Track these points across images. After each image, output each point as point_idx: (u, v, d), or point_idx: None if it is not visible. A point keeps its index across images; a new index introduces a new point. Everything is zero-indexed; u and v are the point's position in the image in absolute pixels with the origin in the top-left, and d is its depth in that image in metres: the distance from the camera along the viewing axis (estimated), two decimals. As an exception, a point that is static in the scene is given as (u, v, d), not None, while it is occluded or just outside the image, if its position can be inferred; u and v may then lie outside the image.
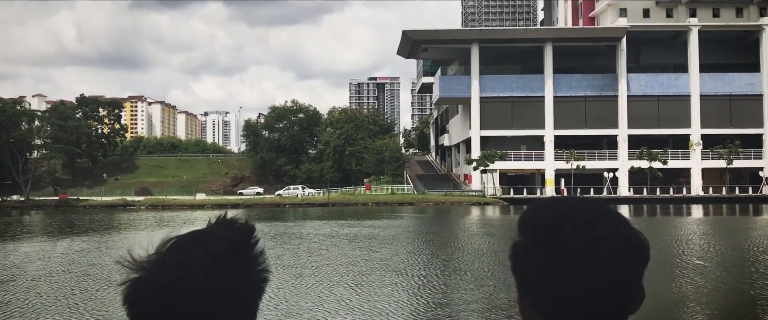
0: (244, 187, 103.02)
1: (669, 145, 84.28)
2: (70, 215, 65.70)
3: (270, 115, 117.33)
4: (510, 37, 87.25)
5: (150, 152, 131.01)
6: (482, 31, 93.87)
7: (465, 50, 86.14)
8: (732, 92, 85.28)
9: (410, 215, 57.73)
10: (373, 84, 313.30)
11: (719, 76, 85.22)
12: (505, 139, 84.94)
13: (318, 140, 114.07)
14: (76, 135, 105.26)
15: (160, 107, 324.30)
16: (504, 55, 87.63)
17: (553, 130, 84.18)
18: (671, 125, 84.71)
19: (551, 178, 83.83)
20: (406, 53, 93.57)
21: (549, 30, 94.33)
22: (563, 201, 1.15)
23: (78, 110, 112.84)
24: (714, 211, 65.64)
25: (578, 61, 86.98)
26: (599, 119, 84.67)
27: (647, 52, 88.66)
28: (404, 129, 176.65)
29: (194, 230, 1.10)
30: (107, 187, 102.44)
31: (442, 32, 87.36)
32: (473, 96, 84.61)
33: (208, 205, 79.39)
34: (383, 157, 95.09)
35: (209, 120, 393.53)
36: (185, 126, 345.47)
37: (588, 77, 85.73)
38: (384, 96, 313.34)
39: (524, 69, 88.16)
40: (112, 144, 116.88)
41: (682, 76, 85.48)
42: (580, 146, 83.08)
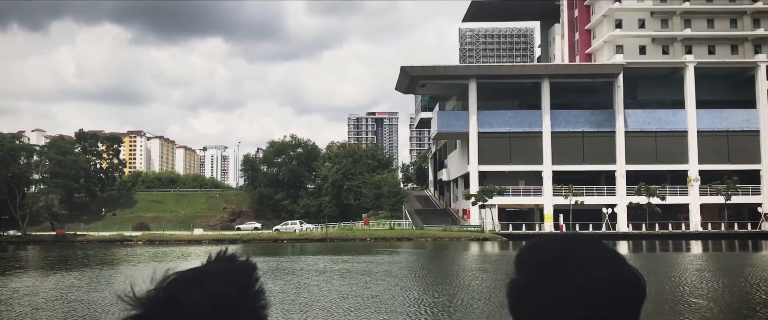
0: (242, 222, 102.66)
1: (667, 181, 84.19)
2: (65, 250, 65.33)
3: (268, 150, 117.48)
4: (507, 74, 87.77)
5: (148, 187, 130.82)
6: (480, 68, 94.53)
7: (463, 86, 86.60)
8: (729, 128, 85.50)
9: (408, 251, 57.39)
10: (371, 119, 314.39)
11: (716, 113, 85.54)
12: (503, 174, 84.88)
13: (316, 175, 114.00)
14: (74, 170, 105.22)
15: (159, 142, 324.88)
16: (502, 90, 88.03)
17: (551, 165, 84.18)
18: (669, 160, 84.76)
19: (550, 213, 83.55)
20: (405, 89, 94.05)
21: (546, 66, 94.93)
22: (561, 238, 1.14)
23: (77, 144, 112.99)
24: (713, 247, 65.28)
25: (575, 97, 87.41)
26: (597, 154, 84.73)
27: (644, 88, 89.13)
28: (403, 164, 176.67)
29: (195, 268, 1.07)
30: (105, 222, 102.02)
31: (440, 68, 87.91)
32: (471, 131, 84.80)
33: (205, 240, 78.97)
34: (382, 192, 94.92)
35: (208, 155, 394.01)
36: (184, 161, 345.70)
37: (585, 113, 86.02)
38: (382, 131, 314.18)
39: (522, 105, 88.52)
40: (110, 179, 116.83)
41: (679, 112, 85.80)
42: (578, 181, 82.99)
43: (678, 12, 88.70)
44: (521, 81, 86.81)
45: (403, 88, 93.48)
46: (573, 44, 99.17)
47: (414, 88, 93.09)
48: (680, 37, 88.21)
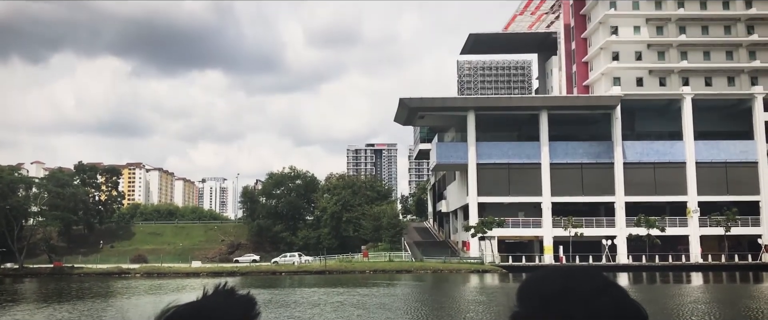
0: (241, 254, 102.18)
1: (666, 212, 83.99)
2: (62, 283, 64.91)
3: (267, 181, 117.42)
4: (506, 105, 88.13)
5: (147, 219, 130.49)
6: (478, 99, 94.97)
7: (461, 117, 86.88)
8: (727, 159, 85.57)
9: (406, 284, 57.00)
10: (370, 150, 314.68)
11: (714, 144, 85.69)
12: (502, 206, 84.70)
13: (315, 207, 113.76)
14: (73, 202, 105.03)
15: (158, 174, 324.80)
16: (500, 122, 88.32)
17: (550, 197, 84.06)
18: (668, 192, 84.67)
19: (550, 245, 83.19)
20: (403, 120, 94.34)
21: (544, 98, 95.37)
22: (563, 271, 1.13)
23: (76, 176, 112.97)
24: (714, 279, 64.86)
25: (574, 128, 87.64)
26: (596, 186, 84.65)
27: (642, 119, 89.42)
28: (402, 195, 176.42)
29: (193, 302, 1.05)
30: (103, 254, 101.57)
31: (439, 100, 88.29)
32: (470, 163, 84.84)
33: (203, 273, 78.49)
34: (381, 224, 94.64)
35: (207, 187, 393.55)
36: (182, 193, 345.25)
37: (584, 145, 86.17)
38: (381, 162, 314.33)
39: (520, 136, 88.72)
40: (108, 211, 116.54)
41: (677, 143, 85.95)
42: (577, 213, 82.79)
43: (674, 44, 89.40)
44: (519, 113, 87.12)
45: (402, 119, 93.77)
46: (570, 76, 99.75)
47: (413, 119, 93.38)
48: (677, 69, 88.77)
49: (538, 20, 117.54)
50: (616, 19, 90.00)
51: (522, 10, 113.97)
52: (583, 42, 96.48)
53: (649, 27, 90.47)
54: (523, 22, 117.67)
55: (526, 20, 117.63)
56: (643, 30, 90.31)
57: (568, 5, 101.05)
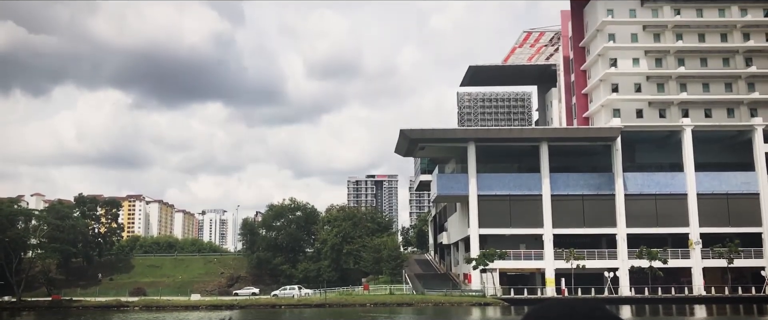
0: (240, 287, 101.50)
1: (668, 244, 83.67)
2: (61, 316, 64.33)
3: (267, 213, 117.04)
4: (506, 137, 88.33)
5: (146, 251, 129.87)
6: (478, 131, 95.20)
7: (462, 149, 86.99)
8: (728, 190, 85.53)
9: (407, 317, 56.49)
10: (371, 182, 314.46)
11: (715, 175, 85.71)
12: (504, 238, 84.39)
13: (315, 239, 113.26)
14: (72, 235, 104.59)
15: (158, 206, 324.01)
16: (501, 153, 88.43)
17: (551, 229, 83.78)
18: (669, 223, 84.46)
19: (551, 278, 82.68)
20: (404, 152, 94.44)
21: (544, 130, 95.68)
22: (565, 303, 1.13)
23: (76, 209, 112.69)
24: (718, 311, 64.39)
25: (574, 160, 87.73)
26: (597, 217, 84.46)
27: (642, 151, 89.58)
28: (402, 227, 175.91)
29: None
30: (101, 287, 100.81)
31: (439, 131, 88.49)
32: (471, 194, 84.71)
33: (202, 306, 77.85)
34: (381, 256, 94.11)
35: (206, 219, 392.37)
36: (182, 225, 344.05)
37: (585, 176, 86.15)
38: (382, 194, 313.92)
39: (521, 168, 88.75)
40: (108, 244, 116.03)
41: (678, 175, 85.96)
42: (579, 245, 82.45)
43: (674, 76, 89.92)
44: (520, 144, 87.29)
45: (403, 151, 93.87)
46: (570, 108, 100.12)
47: (413, 151, 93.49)
48: (676, 101, 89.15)
49: (537, 53, 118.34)
50: (615, 51, 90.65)
51: (521, 42, 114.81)
52: (582, 74, 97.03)
53: (648, 59, 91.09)
54: (523, 54, 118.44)
55: (525, 53, 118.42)
56: (642, 62, 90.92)
57: (567, 38, 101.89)
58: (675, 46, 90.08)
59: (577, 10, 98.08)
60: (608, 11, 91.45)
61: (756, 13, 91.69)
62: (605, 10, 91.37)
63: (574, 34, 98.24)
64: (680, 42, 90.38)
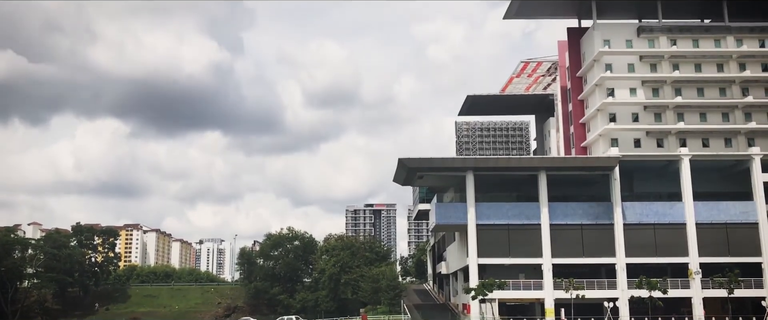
0: (237, 317, 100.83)
1: (668, 274, 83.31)
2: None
3: (265, 242, 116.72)
4: (504, 166, 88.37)
5: (143, 281, 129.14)
6: (477, 160, 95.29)
7: (460, 178, 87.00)
8: (727, 220, 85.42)
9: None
10: (369, 211, 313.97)
11: (713, 205, 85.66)
12: (503, 267, 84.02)
13: (313, 268, 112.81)
14: (69, 264, 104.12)
15: (155, 235, 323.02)
16: (499, 183, 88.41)
17: (550, 258, 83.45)
18: (669, 253, 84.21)
19: (551, 308, 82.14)
20: (402, 180, 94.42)
21: (542, 159, 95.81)
22: None
23: (73, 238, 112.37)
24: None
25: (573, 189, 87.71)
26: (596, 247, 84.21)
27: (640, 180, 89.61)
28: (401, 257, 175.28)
29: None
30: (98, 317, 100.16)
31: (437, 160, 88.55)
32: (470, 223, 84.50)
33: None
34: (380, 286, 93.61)
35: (204, 248, 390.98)
36: (179, 254, 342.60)
37: (583, 205, 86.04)
38: (380, 223, 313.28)
39: (520, 197, 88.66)
40: (105, 273, 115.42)
41: (676, 204, 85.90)
42: (578, 275, 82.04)
43: (671, 106, 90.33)
44: (518, 173, 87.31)
45: (401, 179, 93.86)
46: (568, 137, 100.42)
47: (412, 180, 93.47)
48: (674, 131, 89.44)
49: (534, 82, 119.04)
50: (612, 81, 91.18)
51: (519, 72, 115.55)
52: (580, 104, 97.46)
53: (645, 89, 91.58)
54: (521, 84, 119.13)
55: (523, 82, 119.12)
56: (639, 92, 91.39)
57: (564, 68, 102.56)
58: (672, 76, 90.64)
59: (573, 41, 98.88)
60: (605, 42, 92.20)
61: (751, 43, 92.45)
62: (602, 41, 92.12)
63: (572, 64, 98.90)
64: (677, 72, 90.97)
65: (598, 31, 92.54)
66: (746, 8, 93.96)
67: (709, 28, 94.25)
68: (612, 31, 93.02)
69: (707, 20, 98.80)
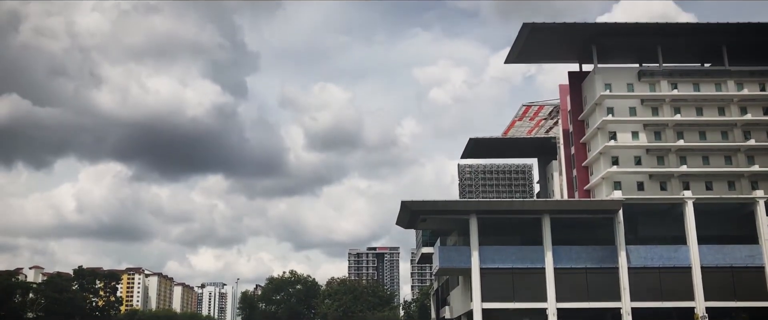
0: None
1: (674, 318, 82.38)
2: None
3: (267, 286, 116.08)
4: (508, 209, 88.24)
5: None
6: (480, 203, 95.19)
7: (464, 221, 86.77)
8: (733, 264, 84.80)
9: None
10: (372, 254, 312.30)
11: (718, 248, 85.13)
12: (507, 312, 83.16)
13: (316, 313, 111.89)
14: (70, 308, 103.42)
15: (157, 279, 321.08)
16: (503, 226, 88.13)
17: (555, 303, 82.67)
18: (674, 297, 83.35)
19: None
20: (405, 224, 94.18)
21: (546, 202, 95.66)
22: None
23: (75, 282, 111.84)
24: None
25: (576, 233, 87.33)
26: (601, 291, 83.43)
27: (645, 224, 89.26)
28: (404, 301, 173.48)
29: None
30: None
31: (441, 203, 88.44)
32: (473, 267, 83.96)
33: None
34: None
35: (205, 292, 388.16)
36: (181, 298, 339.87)
37: (587, 249, 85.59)
38: (383, 266, 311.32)
39: (524, 240, 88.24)
40: (106, 317, 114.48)
41: (681, 248, 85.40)
42: (584, 319, 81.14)
43: (673, 149, 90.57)
44: (522, 216, 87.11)
45: (404, 223, 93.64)
46: (571, 180, 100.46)
47: (415, 223, 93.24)
48: (677, 174, 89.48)
49: (536, 126, 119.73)
50: (614, 125, 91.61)
51: (521, 116, 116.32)
52: (582, 147, 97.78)
53: (647, 132, 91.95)
54: (523, 127, 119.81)
55: (525, 126, 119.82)
56: (641, 135, 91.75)
57: (566, 111, 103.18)
58: (673, 120, 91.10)
59: (575, 84, 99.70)
60: (606, 85, 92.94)
61: (752, 87, 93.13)
62: (603, 85, 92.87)
63: (573, 108, 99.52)
64: (678, 115, 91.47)
65: (599, 75, 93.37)
66: (746, 52, 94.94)
67: (709, 72, 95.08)
68: (613, 75, 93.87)
69: (707, 64, 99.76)
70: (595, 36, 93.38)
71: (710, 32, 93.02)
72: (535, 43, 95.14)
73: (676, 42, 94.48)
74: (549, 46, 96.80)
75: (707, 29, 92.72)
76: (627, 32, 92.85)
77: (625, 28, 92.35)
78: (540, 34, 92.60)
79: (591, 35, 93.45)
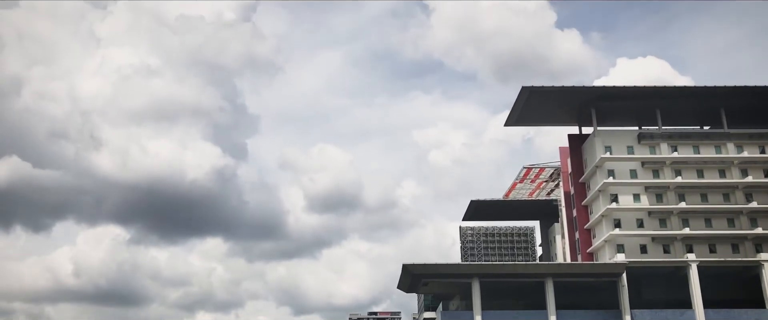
0: None
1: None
2: None
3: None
4: (511, 272, 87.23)
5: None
6: (482, 266, 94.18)
7: (466, 285, 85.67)
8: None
9: None
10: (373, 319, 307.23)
11: (725, 312, 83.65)
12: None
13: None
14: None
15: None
16: (505, 290, 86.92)
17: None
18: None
19: None
20: (407, 287, 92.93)
21: (549, 265, 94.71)
22: None
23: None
24: None
25: (580, 296, 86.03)
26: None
27: (648, 287, 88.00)
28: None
29: None
30: None
31: (442, 266, 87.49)
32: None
33: None
34: None
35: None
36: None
37: (591, 313, 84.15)
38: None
39: (527, 304, 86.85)
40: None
41: (686, 312, 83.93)
42: (589, 386, 79.26)
43: (675, 212, 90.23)
44: (525, 280, 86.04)
45: (406, 286, 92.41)
46: (574, 243, 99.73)
47: (416, 286, 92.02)
48: (680, 236, 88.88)
49: (538, 188, 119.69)
50: (615, 187, 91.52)
51: (522, 178, 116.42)
52: (584, 209, 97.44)
53: (649, 195, 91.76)
54: (524, 189, 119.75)
55: (526, 188, 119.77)
56: (643, 198, 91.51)
57: (566, 174, 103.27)
58: (674, 182, 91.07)
59: (575, 147, 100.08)
60: (606, 148, 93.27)
61: (751, 149, 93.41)
62: (603, 147, 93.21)
63: (574, 170, 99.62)
64: (679, 178, 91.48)
65: (599, 138, 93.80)
66: (744, 115, 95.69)
67: (708, 135, 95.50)
68: (613, 138, 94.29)
69: (706, 126, 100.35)
70: (594, 99, 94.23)
71: (708, 95, 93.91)
72: (534, 106, 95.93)
73: (674, 105, 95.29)
74: (548, 109, 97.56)
75: (705, 92, 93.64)
76: (625, 96, 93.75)
77: (623, 92, 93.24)
78: (539, 97, 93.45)
79: (590, 99, 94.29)
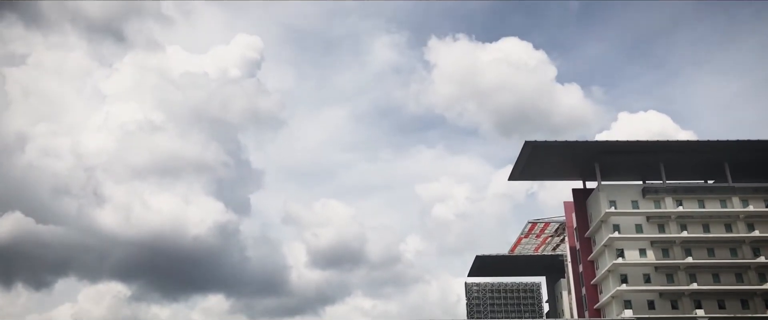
0: None
1: None
2: None
3: None
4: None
5: None
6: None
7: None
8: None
9: None
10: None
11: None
12: None
13: None
14: None
15: None
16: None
17: None
18: None
19: None
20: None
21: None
22: None
23: None
24: None
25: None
26: None
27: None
28: None
29: None
30: None
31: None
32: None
33: None
34: None
35: None
36: None
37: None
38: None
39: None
40: None
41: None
42: None
43: (682, 267, 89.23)
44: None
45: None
46: (581, 299, 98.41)
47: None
48: (687, 292, 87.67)
49: (543, 243, 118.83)
50: (621, 242, 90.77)
51: (527, 233, 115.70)
52: (590, 264, 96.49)
53: (655, 249, 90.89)
54: (529, 244, 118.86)
55: (531, 243, 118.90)
56: (649, 252, 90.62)
57: (572, 228, 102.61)
58: (680, 237, 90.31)
59: (579, 202, 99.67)
60: (610, 202, 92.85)
61: (757, 203, 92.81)
62: (607, 202, 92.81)
63: (579, 225, 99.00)
64: (685, 232, 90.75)
65: (604, 193, 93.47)
66: (748, 169, 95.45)
67: (713, 189, 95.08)
68: (617, 193, 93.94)
69: (710, 180, 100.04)
70: (597, 154, 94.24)
71: (712, 149, 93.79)
72: (538, 161, 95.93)
73: (678, 159, 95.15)
74: (551, 163, 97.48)
75: (709, 146, 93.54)
76: (629, 150, 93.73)
77: (626, 146, 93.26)
78: (542, 152, 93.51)
79: (593, 153, 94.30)
